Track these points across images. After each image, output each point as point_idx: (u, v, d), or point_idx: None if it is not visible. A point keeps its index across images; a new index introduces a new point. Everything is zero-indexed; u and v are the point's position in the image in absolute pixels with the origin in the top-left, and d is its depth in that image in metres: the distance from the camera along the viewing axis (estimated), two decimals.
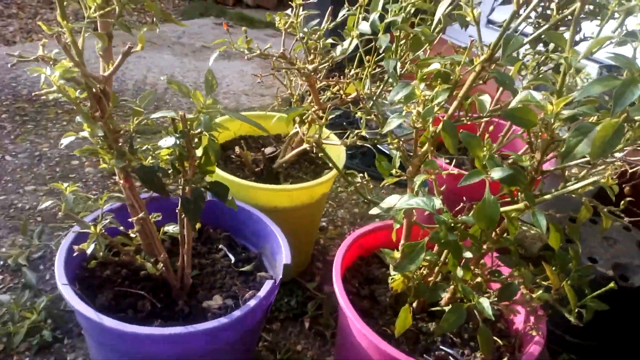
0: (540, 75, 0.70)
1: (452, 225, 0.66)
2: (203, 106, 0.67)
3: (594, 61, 2.27)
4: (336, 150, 1.24)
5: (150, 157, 0.75)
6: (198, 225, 0.85)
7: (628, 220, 1.22)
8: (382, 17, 0.88)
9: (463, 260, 0.75)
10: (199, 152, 0.76)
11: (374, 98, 0.81)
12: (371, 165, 1.94)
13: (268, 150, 1.30)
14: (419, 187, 0.75)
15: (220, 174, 1.08)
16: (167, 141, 0.70)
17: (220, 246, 1.00)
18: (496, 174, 0.59)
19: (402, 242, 0.91)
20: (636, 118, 0.50)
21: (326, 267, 1.42)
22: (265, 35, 3.63)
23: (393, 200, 0.74)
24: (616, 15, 0.72)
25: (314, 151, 1.06)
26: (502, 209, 0.66)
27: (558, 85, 0.59)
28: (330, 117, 1.09)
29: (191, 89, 0.70)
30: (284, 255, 0.90)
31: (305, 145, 1.05)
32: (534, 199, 0.62)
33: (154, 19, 0.72)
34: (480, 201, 0.59)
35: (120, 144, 0.72)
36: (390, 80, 0.89)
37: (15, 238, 1.33)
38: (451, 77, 0.73)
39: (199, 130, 0.64)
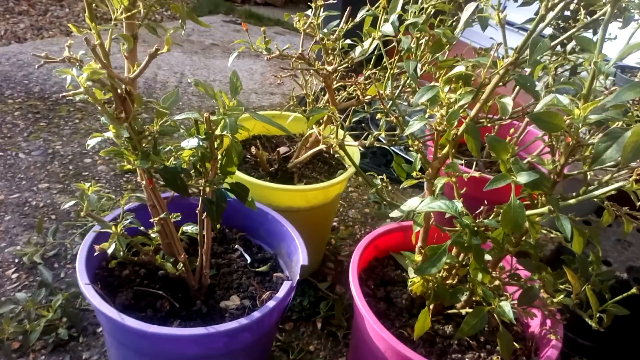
0: (562, 79, 0.69)
1: (475, 229, 0.66)
2: (228, 107, 0.68)
3: (606, 61, 2.25)
4: (350, 151, 1.24)
5: (172, 158, 0.75)
6: (217, 226, 0.85)
7: None
8: (400, 18, 0.88)
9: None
10: (220, 153, 0.76)
11: (394, 99, 0.81)
12: (381, 164, 1.94)
13: (282, 150, 1.30)
14: (440, 189, 0.75)
15: (237, 174, 1.08)
16: (190, 142, 0.71)
17: (237, 246, 1.00)
18: (522, 178, 0.59)
19: (419, 244, 0.91)
20: None
21: (337, 268, 1.43)
22: (275, 33, 3.63)
23: (414, 203, 0.74)
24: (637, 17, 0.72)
25: (331, 152, 1.06)
26: (528, 212, 0.66)
27: (585, 89, 0.58)
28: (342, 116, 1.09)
29: (216, 89, 0.70)
30: (300, 256, 0.90)
31: (321, 146, 1.05)
32: (558, 202, 0.62)
33: (181, 22, 0.72)
34: (506, 205, 0.59)
35: (144, 145, 0.72)
36: (410, 81, 0.89)
37: (30, 236, 1.34)
38: (473, 79, 0.73)
39: (224, 132, 0.64)
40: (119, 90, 0.69)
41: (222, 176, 0.75)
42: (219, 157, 0.76)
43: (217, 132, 0.66)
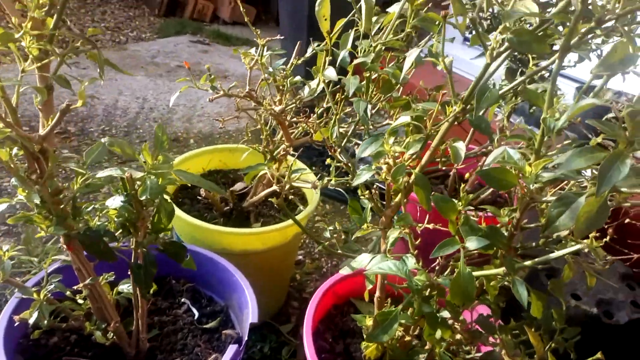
0: (514, 129, 0.65)
1: (427, 294, 0.60)
2: (151, 166, 0.61)
3: (570, 79, 2.25)
4: (308, 193, 1.19)
5: (97, 219, 0.68)
6: (154, 288, 0.78)
7: (612, 259, 1.18)
8: (353, 55, 0.83)
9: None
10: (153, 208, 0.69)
11: (342, 146, 0.76)
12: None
13: (239, 186, 1.24)
14: (392, 244, 0.69)
15: (184, 218, 1.01)
16: (114, 202, 0.64)
17: (183, 300, 0.93)
18: (472, 244, 0.53)
19: (377, 294, 0.85)
20: (623, 190, 0.45)
21: (302, 306, 1.36)
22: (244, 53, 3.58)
23: (364, 261, 0.68)
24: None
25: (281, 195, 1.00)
26: (479, 273, 0.61)
27: (537, 144, 0.54)
28: (301, 148, 1.04)
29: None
30: (250, 312, 0.83)
31: (274, 187, 0.99)
32: (514, 265, 0.57)
33: (99, 71, 0.66)
34: (455, 274, 0.54)
35: (63, 206, 0.65)
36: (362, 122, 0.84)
37: None
38: (423, 129, 0.68)
39: (143, 197, 0.57)
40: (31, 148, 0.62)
41: (154, 236, 0.68)
42: (150, 215, 0.69)
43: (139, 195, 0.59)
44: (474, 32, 0.57)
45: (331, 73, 0.73)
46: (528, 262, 0.57)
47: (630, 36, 0.39)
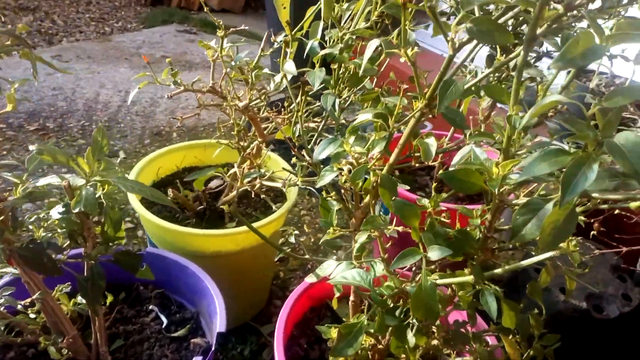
0: (484, 128, 0.60)
1: (394, 304, 0.56)
2: (90, 174, 0.56)
3: None
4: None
5: (42, 230, 0.63)
6: (110, 299, 0.74)
7: (599, 252, 1.14)
8: (323, 47, 0.78)
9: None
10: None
11: (305, 144, 0.71)
12: None
13: (214, 183, 1.19)
14: (358, 250, 0.65)
15: (152, 220, 0.97)
16: (54, 212, 0.59)
17: (151, 307, 0.89)
18: (434, 254, 0.49)
19: (352, 297, 0.81)
20: (595, 195, 0.40)
21: None
22: (231, 42, 3.50)
23: (329, 269, 0.64)
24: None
25: (256, 193, 0.96)
26: (445, 281, 0.56)
27: (504, 143, 0.49)
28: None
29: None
30: (218, 320, 0.79)
31: (246, 186, 0.95)
32: (483, 274, 0.52)
33: (32, 71, 0.61)
34: (416, 287, 0.49)
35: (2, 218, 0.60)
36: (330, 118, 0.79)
37: None
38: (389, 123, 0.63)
39: (76, 209, 0.53)
40: None
41: (103, 247, 0.64)
42: (101, 224, 0.64)
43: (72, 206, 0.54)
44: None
45: (290, 67, 0.68)
46: (498, 270, 0.53)
47: (597, 24, 0.34)
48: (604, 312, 1.08)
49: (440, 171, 0.67)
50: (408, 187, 1.00)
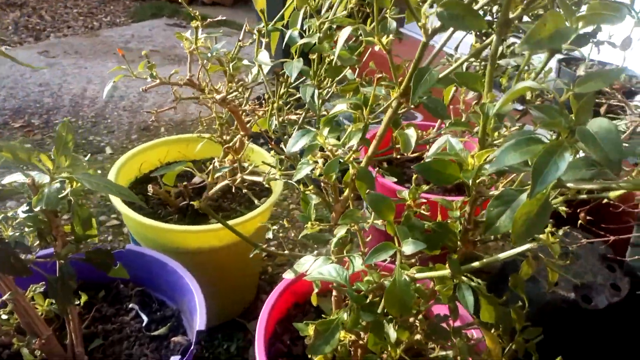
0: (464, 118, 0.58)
1: (372, 299, 0.54)
2: (55, 170, 0.54)
3: None
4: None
5: (10, 228, 0.62)
6: (84, 298, 0.72)
7: (586, 241, 1.13)
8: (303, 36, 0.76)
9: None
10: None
11: (282, 137, 0.69)
12: None
13: (197, 179, 1.17)
14: (336, 244, 0.63)
15: (132, 217, 0.95)
16: (21, 211, 0.57)
17: (131, 305, 0.87)
18: (408, 248, 0.47)
19: (334, 292, 0.80)
20: (570, 185, 0.39)
21: None
22: (224, 35, 3.46)
23: (306, 264, 0.62)
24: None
25: (239, 188, 0.94)
26: (423, 275, 0.54)
27: (480, 132, 0.47)
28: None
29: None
30: (198, 318, 0.78)
31: (227, 181, 0.93)
32: (460, 267, 0.51)
33: None
34: (390, 282, 0.48)
35: None
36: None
37: None
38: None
39: (37, 207, 0.51)
40: None
41: (73, 245, 0.62)
42: (73, 222, 0.62)
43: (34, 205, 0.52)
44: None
45: (264, 58, 0.66)
46: (476, 264, 0.51)
47: (567, 4, 0.32)
48: (592, 302, 1.07)
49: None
50: (395, 180, 0.99)
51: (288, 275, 0.68)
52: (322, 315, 0.84)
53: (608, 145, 0.33)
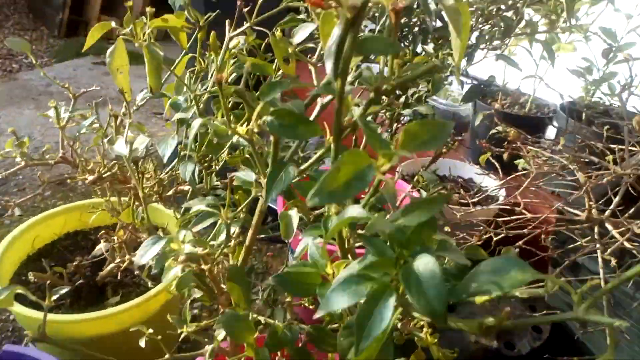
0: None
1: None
2: None
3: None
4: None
5: None
6: None
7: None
8: None
9: None
10: None
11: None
12: None
13: (98, 251, 1.07)
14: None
15: (12, 308, 0.85)
16: None
17: None
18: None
19: None
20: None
21: None
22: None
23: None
24: None
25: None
26: None
27: (337, 240, 0.43)
28: None
29: None
30: None
31: (117, 261, 0.85)
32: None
33: None
34: None
35: None
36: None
37: None
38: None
39: None
40: None
41: None
42: None
43: None
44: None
45: (120, 148, 0.60)
46: None
47: (376, 132, 0.28)
48: (515, 348, 1.06)
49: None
50: None
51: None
52: None
53: (432, 292, 0.29)
